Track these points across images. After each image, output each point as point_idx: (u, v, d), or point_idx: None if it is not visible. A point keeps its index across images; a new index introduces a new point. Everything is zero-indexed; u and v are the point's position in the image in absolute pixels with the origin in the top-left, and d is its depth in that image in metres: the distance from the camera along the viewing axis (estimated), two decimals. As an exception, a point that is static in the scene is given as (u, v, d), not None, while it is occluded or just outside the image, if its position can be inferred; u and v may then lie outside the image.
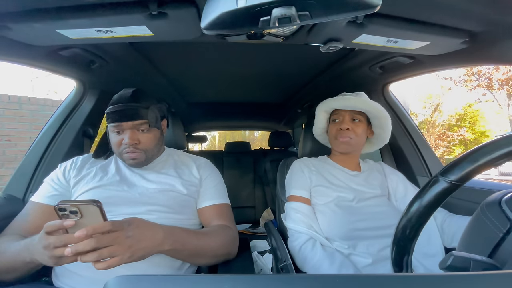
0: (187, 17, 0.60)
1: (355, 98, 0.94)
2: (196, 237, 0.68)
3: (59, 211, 0.49)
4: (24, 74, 41.02)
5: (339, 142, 0.96)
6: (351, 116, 0.96)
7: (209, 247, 0.70)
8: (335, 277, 0.28)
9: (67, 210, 0.49)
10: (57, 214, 0.50)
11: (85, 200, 0.49)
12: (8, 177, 0.96)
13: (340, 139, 0.96)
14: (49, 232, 0.50)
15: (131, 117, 0.75)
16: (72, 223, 0.49)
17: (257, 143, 18.10)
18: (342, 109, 0.97)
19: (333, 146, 1.01)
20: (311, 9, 0.45)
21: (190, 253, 0.66)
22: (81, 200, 0.50)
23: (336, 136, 0.97)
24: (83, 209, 0.49)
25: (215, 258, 0.73)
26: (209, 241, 0.70)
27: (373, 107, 0.93)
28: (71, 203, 0.49)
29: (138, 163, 0.79)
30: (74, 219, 0.49)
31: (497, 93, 12.07)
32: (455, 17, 0.64)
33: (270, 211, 2.14)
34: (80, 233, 0.47)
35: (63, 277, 0.65)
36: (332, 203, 0.90)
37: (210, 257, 0.71)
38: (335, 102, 0.97)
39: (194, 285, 0.27)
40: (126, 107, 0.75)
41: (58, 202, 0.49)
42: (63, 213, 0.49)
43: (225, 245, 0.73)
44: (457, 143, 12.44)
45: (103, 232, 0.49)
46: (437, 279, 0.27)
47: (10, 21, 0.59)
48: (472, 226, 0.43)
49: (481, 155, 0.35)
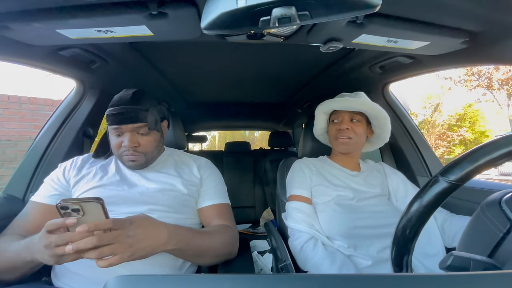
0: (187, 17, 0.60)
1: (353, 99, 0.94)
2: (200, 236, 0.68)
3: (61, 209, 0.49)
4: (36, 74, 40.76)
5: (339, 143, 0.96)
6: (350, 116, 0.96)
7: (212, 247, 0.70)
8: (335, 277, 0.28)
9: (69, 208, 0.49)
10: (59, 213, 0.49)
11: (87, 198, 0.49)
12: (8, 177, 0.96)
13: (339, 139, 0.96)
14: (51, 231, 0.50)
15: (130, 120, 0.75)
16: (74, 221, 0.49)
17: (257, 143, 18.09)
18: (341, 110, 0.97)
19: (333, 146, 1.02)
20: (311, 9, 0.45)
21: (194, 253, 0.66)
22: (83, 198, 0.50)
23: (336, 136, 0.97)
24: (85, 206, 0.49)
25: (217, 258, 0.73)
26: (212, 241, 0.70)
27: (372, 107, 0.93)
28: (73, 201, 0.49)
29: (138, 165, 0.79)
30: (76, 217, 0.49)
31: (497, 93, 12.08)
32: (455, 17, 0.64)
33: (270, 211, 2.14)
34: (82, 228, 0.47)
35: (62, 277, 0.65)
36: (333, 202, 0.90)
37: (212, 257, 0.71)
38: (334, 103, 0.97)
39: (194, 285, 0.27)
40: (126, 110, 0.75)
41: (60, 200, 0.49)
42: (65, 211, 0.49)
43: (226, 244, 0.74)
44: (457, 143, 12.44)
45: (105, 229, 0.49)
46: (437, 279, 0.27)
47: (10, 21, 0.59)
48: (472, 226, 0.43)
49: (481, 155, 0.35)
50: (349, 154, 1.00)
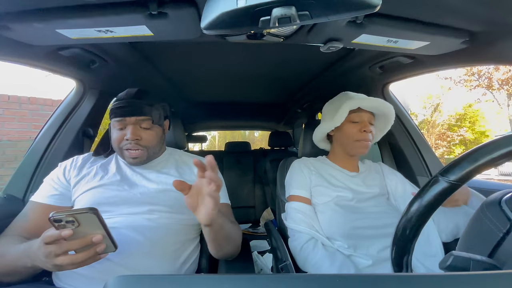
0: (187, 17, 0.60)
1: (381, 100, 0.93)
2: (229, 222, 0.72)
3: (55, 222, 0.49)
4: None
5: (361, 145, 0.93)
6: (370, 118, 0.95)
7: (236, 236, 0.75)
8: (335, 277, 0.28)
9: (63, 221, 0.49)
10: (53, 225, 0.49)
11: (81, 209, 0.49)
12: (8, 177, 0.96)
13: (362, 142, 0.93)
14: (48, 242, 0.50)
15: (134, 113, 0.77)
16: (70, 232, 0.49)
17: (257, 143, 18.09)
18: (366, 110, 0.95)
19: (351, 147, 0.96)
20: (311, 9, 0.45)
21: (225, 235, 0.67)
22: (77, 210, 0.50)
23: (359, 138, 0.93)
24: (80, 218, 0.49)
25: (234, 249, 0.75)
26: (235, 231, 0.75)
27: (391, 110, 0.95)
28: (67, 213, 0.49)
29: (139, 162, 0.79)
30: (71, 228, 0.49)
31: (497, 93, 12.08)
32: (455, 17, 0.64)
33: (270, 211, 2.14)
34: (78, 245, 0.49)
35: (63, 277, 0.65)
36: (332, 202, 0.90)
37: (233, 246, 0.74)
38: (364, 101, 0.93)
39: (194, 285, 0.27)
40: (130, 103, 0.77)
41: (52, 213, 0.48)
42: (59, 224, 0.49)
43: (240, 238, 0.78)
44: (457, 143, 12.44)
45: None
46: (437, 279, 0.27)
47: (10, 21, 0.59)
48: (472, 226, 0.43)
49: (481, 155, 0.35)
50: (354, 156, 0.99)
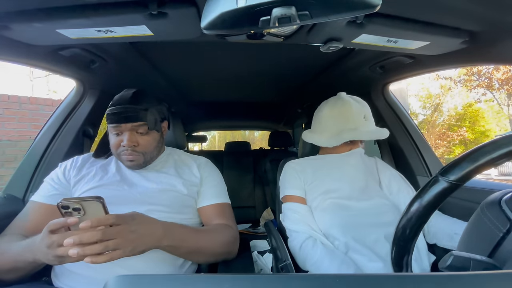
0: (187, 17, 0.60)
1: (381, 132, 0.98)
2: (195, 234, 0.68)
3: (62, 209, 0.49)
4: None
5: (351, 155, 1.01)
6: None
7: (209, 245, 0.70)
8: (335, 277, 0.28)
9: (70, 208, 0.49)
10: (60, 212, 0.50)
11: (88, 197, 0.50)
12: (8, 177, 0.96)
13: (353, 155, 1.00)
14: (53, 231, 0.50)
15: (130, 119, 0.75)
16: (75, 220, 0.49)
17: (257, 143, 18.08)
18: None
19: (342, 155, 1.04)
20: (311, 9, 0.45)
21: (188, 250, 0.66)
22: (84, 197, 0.50)
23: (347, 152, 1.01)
24: (86, 205, 0.49)
25: (214, 257, 0.73)
26: (208, 239, 0.71)
27: (387, 134, 0.99)
28: (74, 200, 0.49)
29: (136, 165, 0.79)
30: (77, 216, 0.50)
31: (497, 93, 12.07)
32: (455, 17, 0.64)
33: (270, 211, 2.14)
34: (85, 224, 0.48)
35: (62, 277, 0.65)
36: (328, 200, 0.90)
37: (209, 255, 0.71)
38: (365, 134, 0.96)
39: (194, 285, 0.27)
40: (126, 109, 0.75)
41: (60, 199, 0.49)
42: (66, 211, 0.49)
43: (225, 243, 0.74)
44: (457, 143, 12.44)
45: (108, 224, 0.50)
46: (437, 279, 0.27)
47: (10, 21, 0.59)
48: (472, 226, 0.43)
49: (481, 155, 0.35)
50: None
